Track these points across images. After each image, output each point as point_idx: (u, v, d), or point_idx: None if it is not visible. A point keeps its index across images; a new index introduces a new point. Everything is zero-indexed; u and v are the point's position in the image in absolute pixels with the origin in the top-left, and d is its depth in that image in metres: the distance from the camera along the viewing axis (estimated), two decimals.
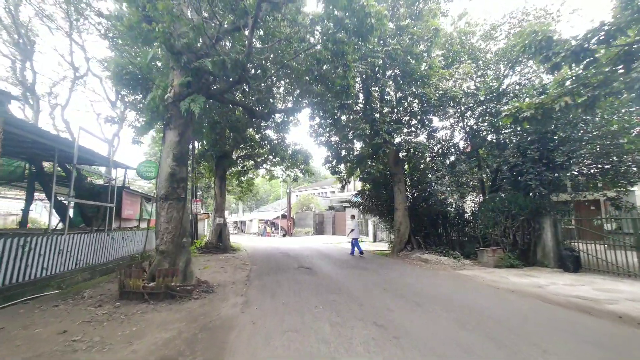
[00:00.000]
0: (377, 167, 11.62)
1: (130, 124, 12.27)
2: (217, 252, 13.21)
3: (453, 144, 13.32)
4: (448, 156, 12.81)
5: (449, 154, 12.32)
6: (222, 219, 14.09)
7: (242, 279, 7.28)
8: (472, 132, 12.67)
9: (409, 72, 10.28)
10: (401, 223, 12.16)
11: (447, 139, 13.69)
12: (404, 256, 11.55)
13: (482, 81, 10.89)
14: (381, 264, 10.07)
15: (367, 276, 7.69)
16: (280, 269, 8.84)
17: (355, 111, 13.12)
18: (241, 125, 12.11)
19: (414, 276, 7.83)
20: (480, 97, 10.60)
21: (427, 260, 10.15)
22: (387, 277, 7.54)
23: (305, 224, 32.00)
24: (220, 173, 14.41)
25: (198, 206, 16.10)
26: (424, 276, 7.86)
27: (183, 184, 5.99)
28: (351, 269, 8.81)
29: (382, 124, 10.45)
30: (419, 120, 11.59)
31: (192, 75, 5.90)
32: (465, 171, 10.73)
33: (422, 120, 11.52)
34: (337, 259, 11.09)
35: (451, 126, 13.80)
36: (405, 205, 12.33)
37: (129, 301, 5.09)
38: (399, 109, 12.04)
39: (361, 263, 10.16)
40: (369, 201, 14.38)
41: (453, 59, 11.18)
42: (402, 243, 12.03)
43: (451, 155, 12.82)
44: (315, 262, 10.19)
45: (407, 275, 7.91)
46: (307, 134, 15.20)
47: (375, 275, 7.88)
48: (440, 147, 13.18)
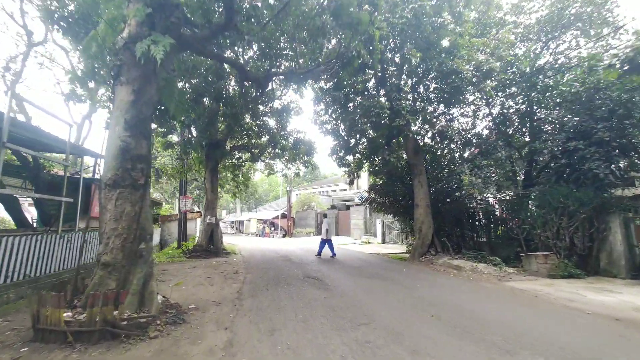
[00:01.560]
0: (397, 154, 9.77)
1: (103, 104, 10.41)
2: (207, 256, 11.35)
3: (475, 133, 11.55)
4: (475, 144, 10.97)
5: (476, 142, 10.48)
6: (213, 218, 12.24)
7: (231, 297, 5.43)
8: (501, 117, 10.87)
9: (435, 41, 8.46)
10: (423, 222, 10.33)
11: (467, 127, 11.92)
12: (427, 261, 9.72)
13: (524, 52, 9.06)
14: (404, 272, 8.23)
15: (396, 292, 5.85)
16: (282, 280, 6.99)
17: (367, 92, 11.29)
18: (236, 105, 10.23)
19: (456, 291, 5.99)
20: (523, 68, 8.78)
21: (460, 268, 8.32)
22: (423, 294, 5.70)
23: (306, 223, 30.17)
24: (212, 165, 12.55)
25: (188, 203, 14.24)
26: (469, 291, 6.03)
27: (142, 164, 4.13)
28: (371, 280, 6.97)
29: (404, 101, 8.62)
30: (446, 99, 9.72)
31: (155, 6, 4.06)
32: (503, 159, 8.89)
33: (449, 99, 9.65)
34: (349, 266, 9.26)
35: (473, 113, 12.03)
36: (427, 201, 10.50)
37: (43, 344, 3.23)
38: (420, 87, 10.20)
39: (379, 270, 8.33)
40: (381, 197, 12.51)
41: (486, 26, 9.35)
42: (424, 246, 10.20)
43: (478, 145, 10.99)
44: (323, 270, 8.34)
45: (447, 291, 6.07)
46: (311, 120, 13.34)
47: (404, 290, 6.04)
48: (465, 133, 11.36)
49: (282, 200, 38.31)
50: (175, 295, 5.18)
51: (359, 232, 22.93)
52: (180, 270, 8.45)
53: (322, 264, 9.53)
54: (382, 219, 19.57)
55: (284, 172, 15.79)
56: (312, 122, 13.48)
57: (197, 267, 9.14)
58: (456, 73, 8.58)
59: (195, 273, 8.01)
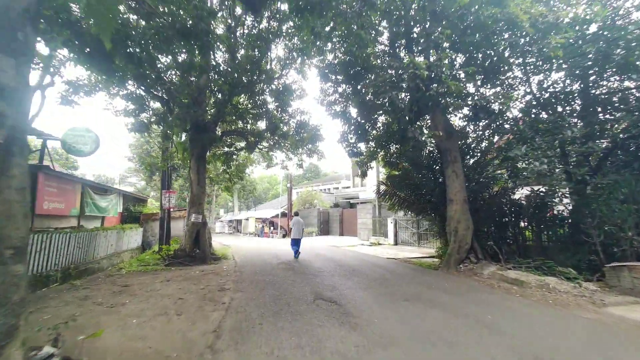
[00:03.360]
0: (432, 133, 7.55)
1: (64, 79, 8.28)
2: (190, 264, 9.25)
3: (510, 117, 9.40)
4: (515, 129, 8.80)
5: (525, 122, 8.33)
6: (199, 217, 10.12)
7: (201, 345, 3.31)
8: (548, 94, 8.74)
9: None
10: (459, 222, 8.23)
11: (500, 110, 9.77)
12: (468, 272, 7.62)
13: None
14: (447, 288, 6.12)
15: (461, 330, 3.74)
16: (284, 304, 4.88)
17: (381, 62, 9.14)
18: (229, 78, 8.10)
19: (555, 330, 3.87)
20: (595, 20, 6.68)
21: (522, 283, 6.21)
22: (506, 334, 3.59)
23: (308, 222, 28.04)
24: (198, 152, 10.42)
25: (172, 199, 12.13)
26: (575, 329, 3.91)
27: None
28: (412, 306, 4.86)
29: (446, 61, 6.51)
30: (488, 68, 7.58)
31: None
32: (569, 140, 6.75)
33: (493, 67, 7.52)
34: (370, 278, 7.15)
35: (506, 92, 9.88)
36: (464, 196, 8.39)
37: None
38: (457, 56, 8.05)
39: (413, 286, 6.22)
40: (403, 191, 10.37)
41: None
42: (461, 251, 8.10)
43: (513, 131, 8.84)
44: (338, 286, 6.23)
45: (537, 328, 3.94)
46: (317, 101, 11.22)
47: (473, 325, 3.92)
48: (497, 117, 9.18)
49: (282, 199, 36.20)
50: (100, 345, 3.06)
51: (367, 232, 20.84)
52: (147, 286, 6.33)
53: (333, 275, 7.42)
54: (394, 218, 17.49)
55: (284, 164, 13.65)
56: (318, 103, 11.36)
57: (172, 280, 7.02)
58: (511, 24, 6.47)
59: (165, 291, 5.89)
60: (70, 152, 7.76)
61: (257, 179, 58.58)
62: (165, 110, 8.97)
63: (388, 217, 18.11)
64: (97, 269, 8.93)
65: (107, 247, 9.90)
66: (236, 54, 10.50)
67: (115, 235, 10.70)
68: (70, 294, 5.64)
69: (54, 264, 6.86)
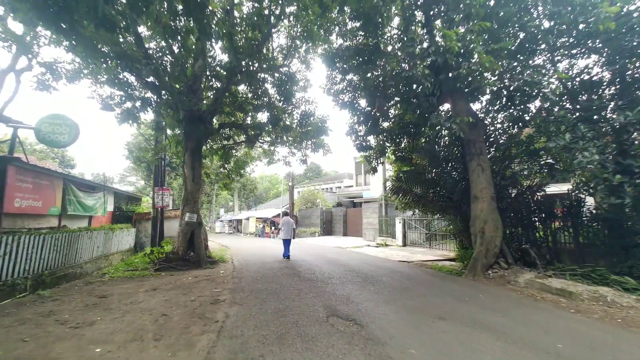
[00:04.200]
0: (459, 119, 6.52)
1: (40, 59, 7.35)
2: (183, 268, 8.32)
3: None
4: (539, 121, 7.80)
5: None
6: (194, 216, 9.17)
7: None
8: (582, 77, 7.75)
9: None
10: (486, 222, 7.26)
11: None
12: (499, 279, 6.65)
13: None
14: (483, 301, 5.16)
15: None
16: (290, 324, 3.93)
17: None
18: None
19: None
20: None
21: (570, 295, 5.25)
22: None
23: (311, 222, 27.10)
24: (193, 145, 9.47)
25: (165, 198, 11.20)
26: None
27: None
28: (454, 328, 3.89)
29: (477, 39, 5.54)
30: (530, 41, 6.58)
31: None
32: (616, 127, 5.78)
33: (533, 43, 6.53)
34: (390, 287, 6.19)
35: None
36: (491, 192, 7.43)
37: None
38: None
39: (442, 298, 5.25)
40: (419, 187, 9.38)
41: None
42: (489, 255, 7.12)
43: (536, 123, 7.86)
44: (356, 298, 5.27)
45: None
46: (323, 89, 10.26)
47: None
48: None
49: (283, 198, 35.27)
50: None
51: (373, 232, 19.88)
52: (127, 297, 5.39)
53: (345, 283, 6.46)
54: (403, 217, 16.52)
55: (287, 159, 12.68)
56: (324, 92, 10.39)
57: (159, 288, 6.08)
58: None
59: (147, 304, 4.94)
60: (45, 142, 6.83)
61: (258, 178, 57.68)
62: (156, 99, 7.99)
63: (396, 217, 17.15)
64: (79, 274, 8.00)
65: (92, 249, 8.97)
66: (234, 37, 9.55)
67: (103, 236, 9.77)
68: (33, 309, 4.70)
69: (22, 270, 5.92)
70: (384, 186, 20.66)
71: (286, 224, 10.71)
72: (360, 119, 10.02)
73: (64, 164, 35.44)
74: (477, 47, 5.60)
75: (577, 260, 7.18)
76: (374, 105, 9.67)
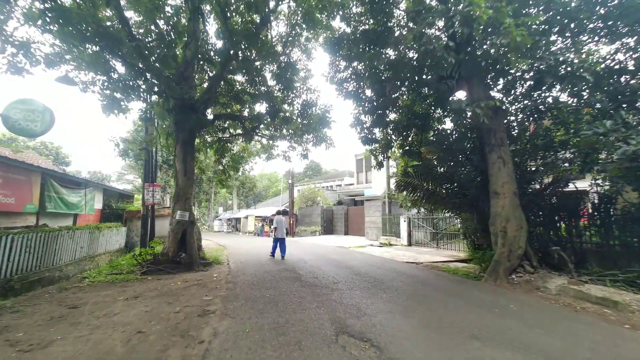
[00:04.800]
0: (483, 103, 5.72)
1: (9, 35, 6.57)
2: (174, 271, 7.59)
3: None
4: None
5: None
6: (186, 214, 8.43)
7: None
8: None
9: None
10: (508, 220, 6.53)
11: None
12: (525, 284, 5.93)
13: None
14: (524, 317, 4.43)
15: None
16: (293, 346, 3.19)
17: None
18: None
19: None
20: None
21: (615, 304, 4.53)
22: None
23: (311, 221, 26.37)
24: (185, 137, 8.72)
25: (156, 194, 10.45)
26: None
27: None
28: (492, 351, 3.16)
29: (506, 8, 4.78)
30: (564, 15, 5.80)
31: None
32: None
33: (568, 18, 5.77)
34: (404, 293, 5.46)
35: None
36: (514, 188, 6.70)
37: None
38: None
39: (469, 309, 4.53)
40: (430, 183, 8.63)
41: None
42: (513, 257, 6.39)
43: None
44: (367, 310, 4.54)
45: None
46: (325, 78, 9.51)
47: None
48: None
49: (283, 197, 34.55)
50: None
51: (376, 231, 19.17)
52: (103, 307, 4.65)
53: (352, 289, 5.73)
54: (408, 216, 15.81)
55: (287, 154, 11.92)
56: (327, 80, 9.64)
57: (142, 296, 5.34)
58: None
59: (124, 316, 4.21)
60: (15, 131, 6.07)
61: (257, 176, 56.89)
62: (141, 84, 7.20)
63: (400, 215, 16.43)
64: (57, 278, 7.27)
65: (74, 250, 8.24)
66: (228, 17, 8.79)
67: (88, 235, 9.04)
68: None
69: None
70: (388, 183, 19.94)
71: (279, 222, 10.48)
72: (367, 108, 9.28)
73: (59, 161, 34.57)
74: (505, 16, 4.84)
75: (607, 264, 6.48)
76: (381, 93, 8.92)
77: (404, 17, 8.66)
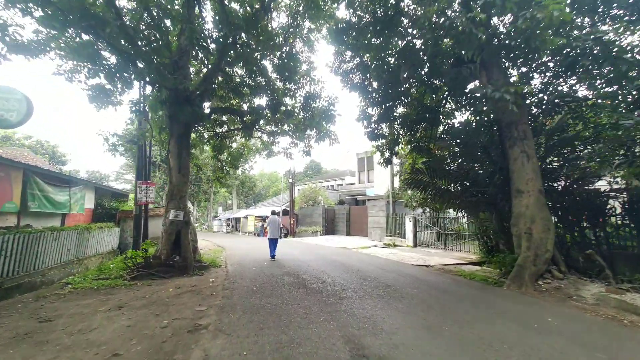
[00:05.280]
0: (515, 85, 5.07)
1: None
2: (166, 275, 6.98)
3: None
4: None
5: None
6: (180, 213, 7.83)
7: None
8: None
9: None
10: (533, 220, 5.92)
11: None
12: (555, 291, 5.33)
13: None
14: (572, 334, 3.83)
15: None
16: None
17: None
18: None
19: None
20: None
21: None
22: None
23: (312, 221, 25.75)
24: (179, 132, 8.12)
25: (150, 193, 9.85)
26: None
27: None
28: None
29: None
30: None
31: None
32: None
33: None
34: (423, 303, 4.85)
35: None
36: (539, 185, 6.10)
37: None
38: None
39: (510, 329, 3.92)
40: (444, 180, 8.02)
41: None
42: (539, 262, 5.79)
43: None
44: (385, 325, 3.93)
45: None
46: (330, 68, 8.91)
47: None
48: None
49: (283, 196, 33.90)
50: None
51: (380, 231, 18.56)
52: (78, 321, 4.04)
53: (363, 298, 5.13)
54: (413, 215, 15.21)
55: (288, 151, 11.32)
56: (331, 71, 9.03)
57: (127, 306, 4.73)
58: None
59: (100, 333, 3.60)
60: None
61: (257, 176, 56.24)
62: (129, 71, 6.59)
63: (406, 215, 15.83)
64: (39, 283, 6.67)
65: (60, 253, 7.64)
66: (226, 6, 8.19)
67: (76, 237, 8.44)
68: None
69: None
70: (392, 182, 19.33)
71: (272, 222, 10.24)
72: (375, 100, 8.68)
73: (55, 160, 33.91)
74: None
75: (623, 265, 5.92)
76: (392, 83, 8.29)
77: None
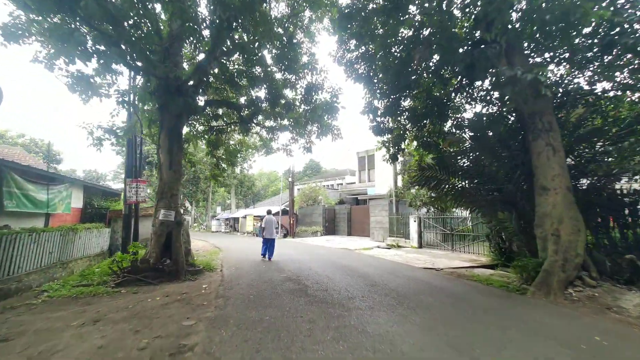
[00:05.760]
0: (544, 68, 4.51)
1: None
2: (155, 281, 6.37)
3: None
4: None
5: None
6: (171, 213, 7.21)
7: None
8: None
9: None
10: (561, 221, 5.34)
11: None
12: (588, 301, 4.74)
13: None
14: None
15: None
16: None
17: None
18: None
19: None
20: None
21: None
22: None
23: (312, 221, 25.15)
24: (170, 124, 7.51)
25: (141, 191, 9.23)
26: None
27: None
28: None
29: None
30: None
31: None
32: None
33: None
34: (444, 316, 4.26)
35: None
36: (567, 182, 5.52)
37: None
38: None
39: (559, 353, 3.35)
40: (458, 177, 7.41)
41: None
42: (569, 267, 5.20)
43: None
44: (403, 344, 3.34)
45: None
46: (333, 58, 8.30)
47: None
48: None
49: (282, 196, 33.27)
50: None
51: (382, 232, 17.99)
52: (47, 337, 3.43)
53: (373, 308, 4.54)
54: (418, 215, 14.64)
55: (288, 148, 10.71)
56: (334, 61, 8.43)
57: (104, 319, 4.12)
58: None
59: (65, 356, 2.99)
60: None
61: (256, 175, 55.61)
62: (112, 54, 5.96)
63: (410, 215, 15.25)
64: (14, 290, 6.05)
65: (40, 256, 7.01)
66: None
67: (59, 238, 7.81)
68: None
69: None
70: (395, 180, 18.74)
71: (268, 222, 10.05)
72: (384, 91, 8.10)
73: (49, 158, 33.08)
74: None
75: None
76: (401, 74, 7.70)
77: None
